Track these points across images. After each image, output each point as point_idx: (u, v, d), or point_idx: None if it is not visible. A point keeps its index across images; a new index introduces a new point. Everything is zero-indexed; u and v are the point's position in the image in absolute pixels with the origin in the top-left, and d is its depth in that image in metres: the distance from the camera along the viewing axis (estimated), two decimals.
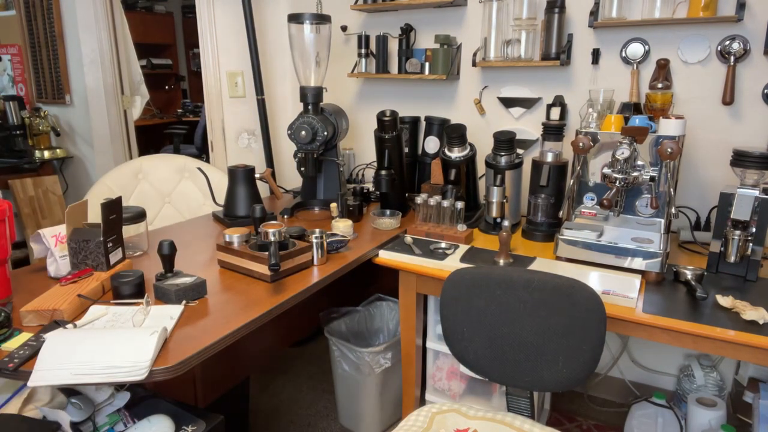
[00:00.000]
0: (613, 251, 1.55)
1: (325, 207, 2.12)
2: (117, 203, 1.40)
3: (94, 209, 1.96)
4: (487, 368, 1.35)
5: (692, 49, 1.87)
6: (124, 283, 1.25)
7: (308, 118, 1.93)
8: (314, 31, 1.96)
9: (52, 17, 3.19)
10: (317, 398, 2.31)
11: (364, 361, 1.93)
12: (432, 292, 1.71)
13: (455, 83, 2.33)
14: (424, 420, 1.33)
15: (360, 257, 1.64)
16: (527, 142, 2.21)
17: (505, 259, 1.61)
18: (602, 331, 1.20)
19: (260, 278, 1.41)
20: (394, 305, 2.19)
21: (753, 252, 1.53)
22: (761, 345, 1.21)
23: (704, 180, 1.95)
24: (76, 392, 1.21)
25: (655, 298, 1.41)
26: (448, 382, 1.94)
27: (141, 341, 1.01)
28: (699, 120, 1.91)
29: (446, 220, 1.88)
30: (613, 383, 2.25)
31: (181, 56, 5.89)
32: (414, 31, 2.34)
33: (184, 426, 1.20)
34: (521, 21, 2.04)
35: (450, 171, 1.97)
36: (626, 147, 1.52)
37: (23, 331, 1.11)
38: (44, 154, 3.28)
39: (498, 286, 1.29)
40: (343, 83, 2.58)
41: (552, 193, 1.84)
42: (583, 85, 2.06)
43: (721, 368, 2.01)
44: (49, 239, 1.39)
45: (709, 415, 1.78)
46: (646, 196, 1.60)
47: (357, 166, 2.60)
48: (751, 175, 1.54)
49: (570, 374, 1.25)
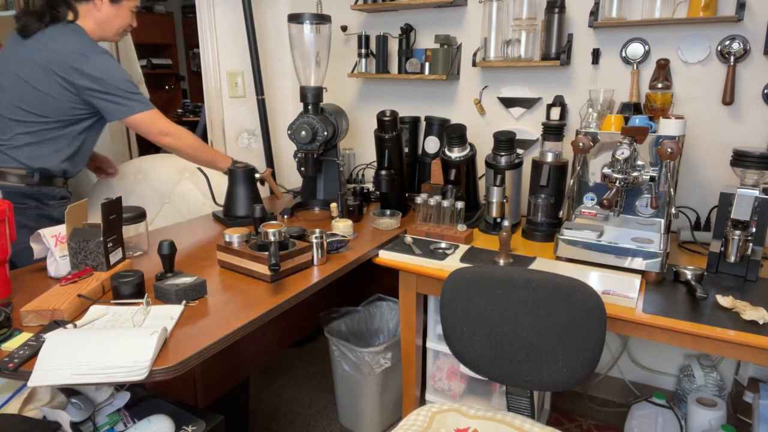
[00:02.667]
0: (613, 251, 1.55)
1: (325, 207, 2.12)
2: (117, 203, 1.40)
3: (94, 209, 1.96)
4: (487, 368, 1.35)
5: (692, 49, 1.87)
6: (124, 283, 1.25)
7: (308, 118, 1.93)
8: (314, 31, 1.96)
9: None
10: (317, 398, 2.31)
11: (364, 361, 1.93)
12: (432, 292, 1.71)
13: (455, 83, 2.33)
14: (424, 419, 1.33)
15: (360, 257, 1.64)
16: (527, 142, 2.21)
17: (505, 259, 1.61)
18: (602, 331, 1.20)
19: (260, 278, 1.41)
20: (394, 305, 2.19)
21: (753, 252, 1.53)
22: (761, 345, 1.21)
23: (704, 180, 1.95)
24: (76, 392, 1.21)
25: (655, 298, 1.41)
26: (448, 382, 1.94)
27: (141, 341, 1.01)
28: (699, 120, 1.91)
29: (446, 220, 1.88)
30: (613, 383, 2.25)
31: (181, 56, 5.89)
32: (414, 31, 2.34)
33: (184, 426, 1.20)
34: (521, 21, 2.04)
35: (450, 171, 1.97)
36: (626, 147, 1.52)
37: (23, 331, 1.11)
38: None
39: (498, 286, 1.29)
40: (343, 83, 2.58)
41: (552, 193, 1.84)
42: (583, 85, 2.06)
43: (721, 368, 2.01)
44: (49, 239, 1.39)
45: (709, 415, 1.78)
46: (646, 196, 1.60)
47: (357, 166, 2.60)
48: (751, 175, 1.54)
49: (570, 374, 1.25)
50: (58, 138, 1.75)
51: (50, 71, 1.67)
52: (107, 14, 1.78)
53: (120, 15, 1.82)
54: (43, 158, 1.74)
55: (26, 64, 1.69)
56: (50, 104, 1.70)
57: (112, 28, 1.83)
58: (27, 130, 1.71)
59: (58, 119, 1.73)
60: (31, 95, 1.69)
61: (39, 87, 1.68)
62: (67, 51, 1.68)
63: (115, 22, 1.82)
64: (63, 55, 1.67)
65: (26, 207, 1.73)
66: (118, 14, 1.81)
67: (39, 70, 1.68)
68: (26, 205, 1.73)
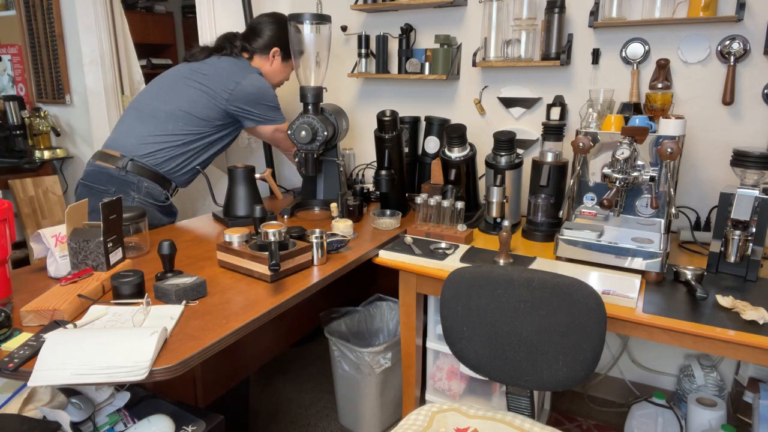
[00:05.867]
0: (613, 251, 1.55)
1: (325, 207, 2.12)
2: (117, 203, 1.40)
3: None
4: (487, 367, 1.35)
5: (692, 49, 1.87)
6: (124, 283, 1.25)
7: (308, 118, 1.93)
8: (314, 31, 1.96)
9: (52, 17, 3.19)
10: (317, 398, 2.31)
11: (364, 361, 1.93)
12: (432, 292, 1.71)
13: (455, 83, 2.33)
14: (424, 419, 1.33)
15: (360, 257, 1.64)
16: (527, 142, 2.21)
17: (505, 259, 1.61)
18: (602, 331, 1.20)
19: (260, 278, 1.41)
20: (394, 305, 2.19)
21: (753, 252, 1.53)
22: (761, 345, 1.21)
23: (704, 180, 1.95)
24: (76, 392, 1.21)
25: (655, 298, 1.41)
26: (448, 382, 1.94)
27: (141, 341, 1.01)
28: (699, 120, 1.91)
29: (446, 220, 1.88)
30: (613, 383, 2.25)
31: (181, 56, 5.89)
32: (414, 31, 2.34)
33: (184, 426, 1.20)
34: (521, 21, 2.04)
35: (450, 171, 1.97)
36: (626, 147, 1.52)
37: (23, 331, 1.11)
38: (44, 154, 3.28)
39: (498, 285, 1.29)
40: (343, 83, 2.58)
41: (552, 193, 1.84)
42: (583, 85, 2.06)
43: (721, 368, 2.01)
44: (49, 239, 1.39)
45: (709, 415, 1.78)
46: (646, 196, 1.60)
47: (357, 166, 2.60)
48: (751, 175, 1.54)
49: (570, 373, 1.25)
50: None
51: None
52: (276, 68, 2.15)
53: (285, 71, 2.20)
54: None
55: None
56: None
57: (275, 80, 2.18)
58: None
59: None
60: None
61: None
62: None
63: (280, 76, 2.19)
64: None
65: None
66: (284, 70, 2.19)
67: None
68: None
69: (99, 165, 1.93)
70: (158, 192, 1.96)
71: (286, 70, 2.19)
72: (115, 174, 1.90)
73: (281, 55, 2.12)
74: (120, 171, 1.90)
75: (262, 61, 2.12)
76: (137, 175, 1.91)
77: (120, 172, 1.90)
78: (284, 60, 2.14)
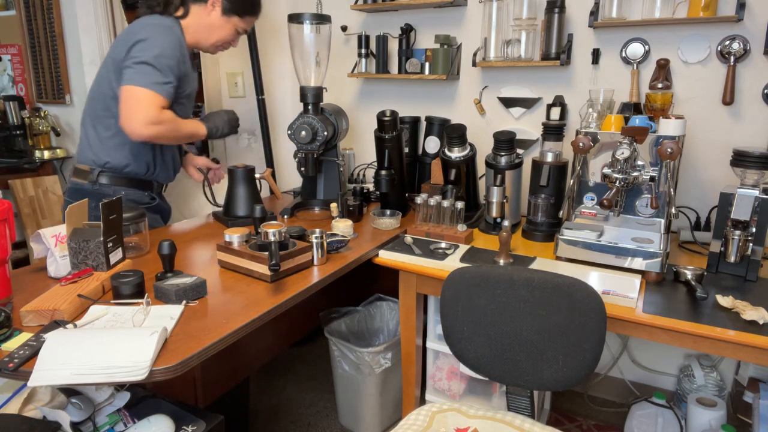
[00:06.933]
0: (613, 251, 1.55)
1: (325, 207, 2.12)
2: (117, 203, 1.40)
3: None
4: (487, 367, 1.35)
5: (692, 49, 1.87)
6: (124, 283, 1.25)
7: (308, 118, 1.93)
8: (314, 31, 1.96)
9: (52, 17, 3.19)
10: (317, 398, 2.31)
11: (364, 361, 1.93)
12: (432, 292, 1.71)
13: (455, 83, 2.33)
14: (424, 419, 1.33)
15: (360, 257, 1.64)
16: (527, 142, 2.21)
17: (505, 259, 1.61)
18: (602, 331, 1.20)
19: (260, 278, 1.41)
20: (394, 305, 2.19)
21: (753, 252, 1.53)
22: (761, 345, 1.21)
23: (704, 180, 1.95)
24: (76, 392, 1.21)
25: (655, 298, 1.41)
26: (448, 382, 1.94)
27: (141, 341, 1.01)
28: (699, 120, 1.91)
29: (446, 220, 1.88)
30: (613, 383, 2.25)
31: None
32: (414, 31, 2.34)
33: (184, 426, 1.20)
34: (521, 21, 2.04)
35: (450, 171, 1.97)
36: (626, 147, 1.52)
37: (23, 331, 1.11)
38: (44, 154, 3.28)
39: (498, 285, 1.29)
40: (343, 83, 2.58)
41: (552, 193, 1.84)
42: (583, 85, 2.06)
43: (721, 368, 2.01)
44: (49, 239, 1.39)
45: (709, 415, 1.78)
46: (646, 196, 1.60)
47: (357, 166, 2.60)
48: (751, 175, 1.54)
49: (570, 373, 1.25)
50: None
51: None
52: (213, 21, 1.80)
53: (225, 28, 1.83)
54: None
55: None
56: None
57: (211, 38, 1.84)
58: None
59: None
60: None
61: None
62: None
63: (217, 33, 1.83)
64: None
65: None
66: (223, 26, 1.82)
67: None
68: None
69: (74, 182, 1.82)
70: (140, 195, 1.85)
71: (226, 27, 1.83)
72: (90, 189, 1.78)
73: (222, 5, 1.79)
74: (94, 185, 1.78)
75: (198, 11, 1.78)
76: (111, 186, 1.79)
77: (94, 186, 1.78)
78: (226, 14, 1.80)
